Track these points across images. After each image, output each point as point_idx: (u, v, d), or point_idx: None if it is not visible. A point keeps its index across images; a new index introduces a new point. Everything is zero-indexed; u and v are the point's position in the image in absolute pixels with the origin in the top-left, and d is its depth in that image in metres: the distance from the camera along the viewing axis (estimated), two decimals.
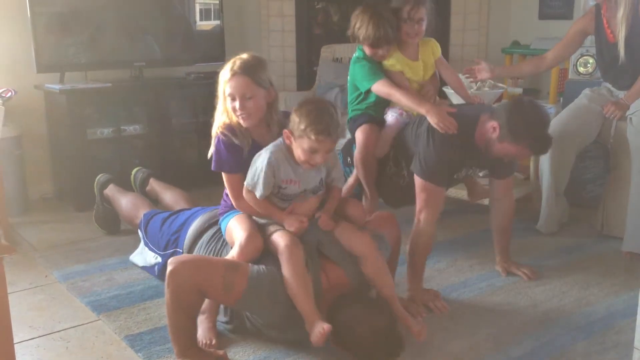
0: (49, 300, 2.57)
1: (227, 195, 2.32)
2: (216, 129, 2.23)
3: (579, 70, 3.73)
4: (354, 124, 2.79)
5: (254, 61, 2.19)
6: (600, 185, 3.53)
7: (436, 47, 2.75)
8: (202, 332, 2.18)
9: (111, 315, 2.40)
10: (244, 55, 2.20)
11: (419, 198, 2.48)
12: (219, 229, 2.37)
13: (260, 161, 2.12)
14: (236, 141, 2.19)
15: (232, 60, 2.20)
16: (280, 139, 2.16)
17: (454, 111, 2.44)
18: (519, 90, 3.49)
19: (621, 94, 3.13)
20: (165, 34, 4.06)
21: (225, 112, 2.22)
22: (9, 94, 3.50)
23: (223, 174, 2.24)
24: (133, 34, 3.92)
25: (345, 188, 2.68)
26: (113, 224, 3.24)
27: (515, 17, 4.66)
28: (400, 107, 2.67)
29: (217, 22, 4.23)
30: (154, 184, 3.18)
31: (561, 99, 3.85)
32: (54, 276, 2.78)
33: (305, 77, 4.66)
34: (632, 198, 2.95)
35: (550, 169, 3.16)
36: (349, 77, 2.78)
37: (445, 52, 4.58)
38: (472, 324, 2.35)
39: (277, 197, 2.17)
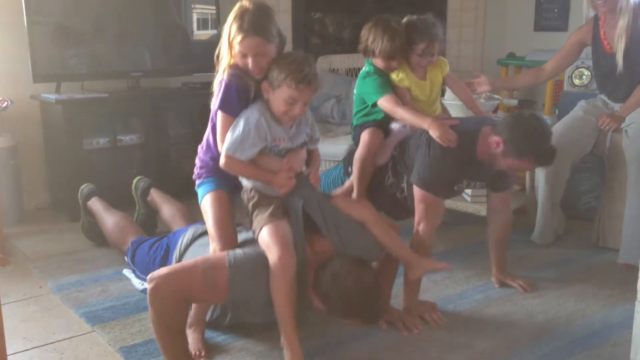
0: (43, 311, 2.55)
1: (202, 149, 2.29)
2: (222, 71, 2.16)
3: (574, 82, 3.75)
4: (359, 130, 2.75)
5: (264, 16, 2.10)
6: (595, 197, 3.53)
7: (445, 65, 2.73)
8: (191, 343, 2.17)
9: (106, 327, 2.39)
10: (250, 7, 2.08)
11: (418, 209, 2.48)
12: (206, 240, 2.33)
13: (247, 123, 2.07)
14: (248, 80, 2.13)
15: (238, 13, 2.08)
16: (258, 102, 2.12)
17: (455, 124, 2.45)
18: (514, 102, 3.51)
19: (617, 106, 3.14)
20: (162, 44, 4.06)
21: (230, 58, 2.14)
22: (5, 103, 3.50)
23: (221, 115, 2.13)
24: (130, 44, 3.92)
25: (340, 191, 2.73)
26: (100, 235, 3.16)
27: (511, 29, 4.69)
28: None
29: (215, 31, 4.24)
30: (154, 195, 3.17)
31: (556, 110, 3.87)
32: (48, 287, 2.76)
33: None
34: (627, 210, 2.95)
35: (546, 180, 3.17)
36: (355, 91, 2.76)
37: None
38: (469, 336, 2.34)
39: (273, 153, 2.14)
